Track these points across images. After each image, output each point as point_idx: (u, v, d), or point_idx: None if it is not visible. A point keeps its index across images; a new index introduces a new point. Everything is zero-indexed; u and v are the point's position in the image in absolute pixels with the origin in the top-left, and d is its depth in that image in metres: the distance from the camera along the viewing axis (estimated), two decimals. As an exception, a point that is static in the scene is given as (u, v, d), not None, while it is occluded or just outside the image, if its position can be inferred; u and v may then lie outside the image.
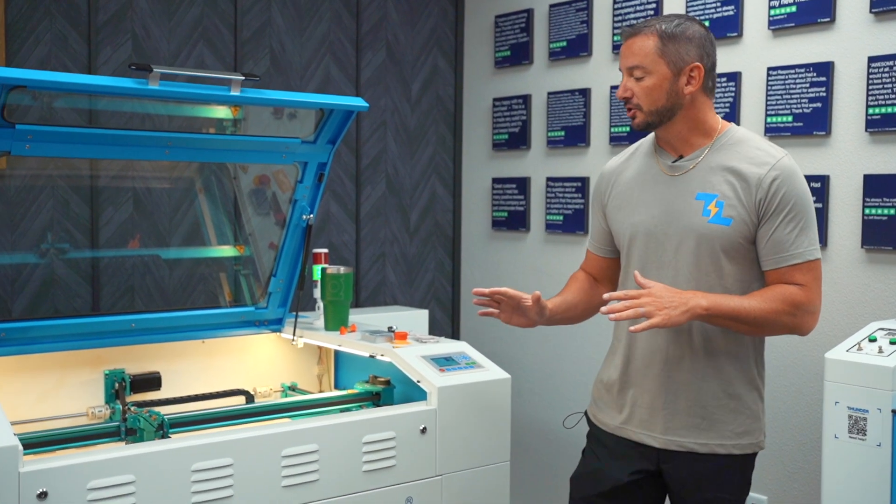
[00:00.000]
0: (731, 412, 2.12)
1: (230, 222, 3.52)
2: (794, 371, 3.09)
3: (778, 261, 2.06)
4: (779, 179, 2.04)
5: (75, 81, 2.28)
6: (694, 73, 2.09)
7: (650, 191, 2.18)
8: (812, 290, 2.06)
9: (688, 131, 2.12)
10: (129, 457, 2.05)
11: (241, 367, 3.10)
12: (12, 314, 3.19)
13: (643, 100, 2.09)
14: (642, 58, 2.07)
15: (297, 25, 3.82)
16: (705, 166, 2.11)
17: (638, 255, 2.19)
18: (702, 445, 2.13)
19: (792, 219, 2.03)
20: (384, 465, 2.44)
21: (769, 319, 2.03)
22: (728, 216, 2.05)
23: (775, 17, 3.07)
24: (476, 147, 4.30)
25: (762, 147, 2.10)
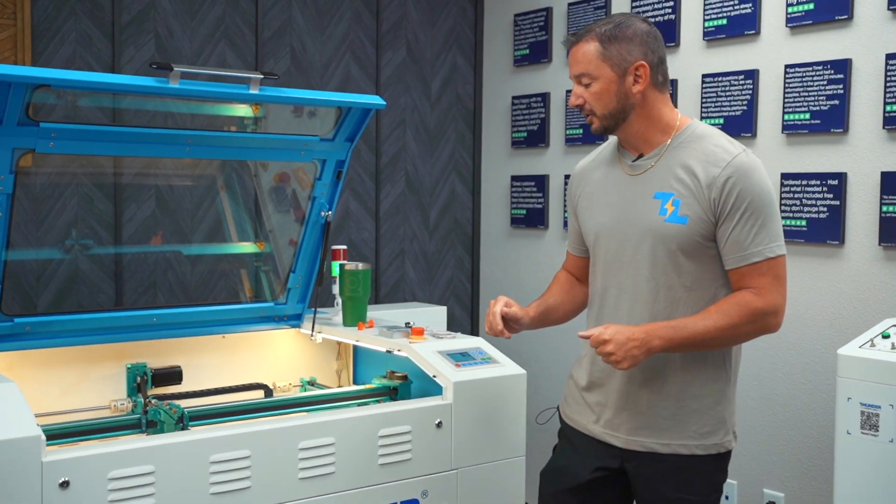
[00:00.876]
0: (694, 412, 2.09)
1: (251, 219, 3.57)
2: (810, 368, 3.09)
3: (737, 260, 2.02)
4: (733, 178, 2.00)
5: (98, 80, 2.32)
6: (640, 72, 2.07)
7: (612, 191, 2.17)
8: (771, 290, 2.02)
9: (645, 129, 2.10)
10: (149, 447, 2.09)
11: (260, 362, 3.14)
12: (37, 308, 3.25)
13: (595, 104, 2.08)
14: (586, 64, 2.06)
15: (317, 25, 3.86)
16: (664, 165, 2.09)
17: (601, 255, 2.18)
18: (664, 446, 2.10)
19: (749, 217, 2.00)
20: (400, 458, 2.47)
21: (729, 335, 2.01)
22: (684, 214, 2.03)
23: (793, 15, 3.07)
24: (495, 145, 4.32)
25: (719, 144, 2.06)
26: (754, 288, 2.01)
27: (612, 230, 2.14)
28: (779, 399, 3.19)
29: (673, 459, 2.10)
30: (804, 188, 3.05)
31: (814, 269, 3.06)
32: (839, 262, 2.99)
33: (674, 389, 2.09)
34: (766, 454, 3.22)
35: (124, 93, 2.75)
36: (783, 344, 3.16)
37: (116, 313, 2.84)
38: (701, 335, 1.98)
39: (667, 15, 3.49)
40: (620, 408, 2.14)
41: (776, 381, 3.19)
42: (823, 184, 2.99)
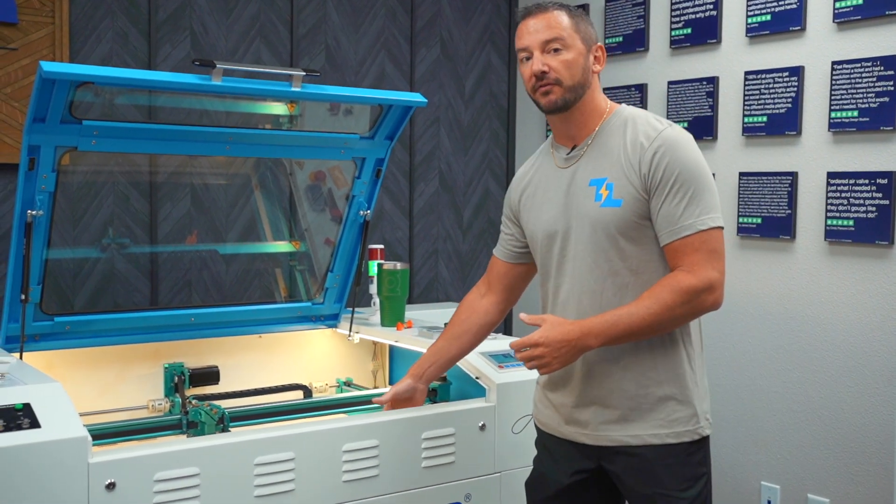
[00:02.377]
0: (660, 400, 2.00)
1: (286, 218, 3.54)
2: (858, 371, 3.03)
3: (668, 235, 1.95)
4: (660, 152, 1.95)
5: (141, 77, 2.31)
6: (598, 54, 2.06)
7: (551, 188, 2.12)
8: (705, 265, 1.93)
9: (588, 114, 2.06)
10: (194, 449, 2.06)
11: (297, 362, 3.12)
12: (74, 307, 3.24)
13: (563, 73, 2.00)
14: (560, 31, 2.01)
15: (352, 22, 3.83)
16: (595, 152, 2.05)
17: (550, 252, 2.12)
18: (633, 437, 2.01)
19: (678, 190, 1.93)
20: (443, 461, 2.44)
21: (666, 318, 1.92)
22: (619, 197, 1.98)
23: (841, 10, 3.00)
24: (529, 143, 4.28)
25: (647, 121, 2.02)
26: (687, 265, 1.94)
27: (556, 225, 2.08)
28: (825, 402, 3.12)
29: (647, 451, 2.00)
30: (851, 187, 2.99)
31: (862, 270, 3.00)
32: (889, 262, 2.92)
33: (635, 378, 2.00)
34: (811, 458, 3.16)
35: (167, 90, 2.72)
36: (830, 346, 3.10)
37: (154, 313, 2.83)
38: (637, 325, 1.91)
39: (708, 12, 3.43)
40: (585, 404, 2.06)
41: (822, 384, 3.13)
42: (872, 183, 2.93)
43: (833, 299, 3.08)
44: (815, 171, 3.11)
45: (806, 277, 3.17)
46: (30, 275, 2.44)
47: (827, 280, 3.10)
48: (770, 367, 3.29)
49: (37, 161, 2.34)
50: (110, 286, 3.31)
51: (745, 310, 3.35)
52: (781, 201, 3.20)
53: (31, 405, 1.96)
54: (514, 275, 2.31)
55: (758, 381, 3.33)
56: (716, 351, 3.45)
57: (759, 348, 3.33)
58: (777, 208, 3.21)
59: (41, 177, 2.37)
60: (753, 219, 3.29)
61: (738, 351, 3.40)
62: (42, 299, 2.57)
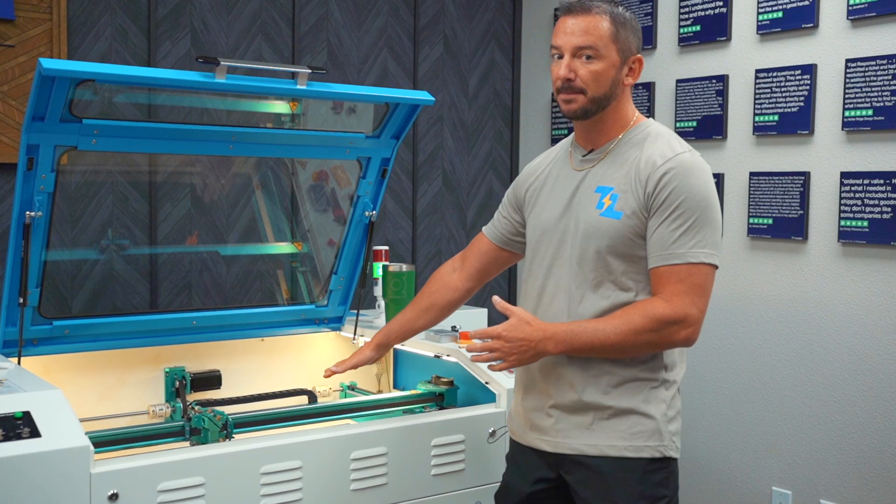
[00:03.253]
0: (622, 411, 1.92)
1: (287, 219, 3.48)
2: (871, 374, 2.97)
3: (657, 258, 1.88)
4: (670, 174, 1.87)
5: (143, 75, 2.24)
6: (634, 66, 1.96)
7: (559, 186, 2.05)
8: (683, 298, 1.85)
9: (611, 123, 1.99)
10: (199, 458, 2.00)
11: (300, 366, 3.06)
12: (72, 310, 3.18)
13: (589, 84, 1.91)
14: (596, 39, 1.90)
15: (354, 19, 3.77)
16: (611, 159, 1.98)
17: (542, 250, 2.05)
18: (591, 447, 1.94)
19: (678, 217, 1.86)
20: (453, 468, 2.38)
21: (630, 342, 1.85)
22: (619, 209, 1.91)
23: (855, 7, 2.95)
24: (534, 143, 4.22)
25: (667, 142, 1.94)
26: (665, 295, 1.86)
27: (555, 226, 2.02)
28: (838, 406, 3.07)
29: (603, 463, 1.93)
30: (866, 188, 2.94)
31: (875, 272, 2.95)
32: (903, 264, 2.88)
33: (601, 388, 1.93)
34: (823, 463, 3.11)
35: (170, 88, 2.66)
36: (843, 350, 3.05)
37: (155, 316, 2.76)
38: (600, 341, 1.85)
39: (718, 9, 3.38)
40: (548, 411, 2.00)
41: (835, 388, 3.08)
42: (887, 183, 2.88)
43: (846, 301, 3.03)
44: (829, 171, 3.06)
45: (818, 279, 3.11)
46: (28, 277, 2.37)
47: (840, 282, 3.05)
48: (781, 371, 3.24)
49: (35, 161, 2.27)
50: (109, 288, 3.24)
51: (755, 312, 3.29)
52: (793, 201, 3.15)
53: (30, 413, 1.89)
54: (494, 257, 2.26)
55: (769, 385, 3.28)
56: (724, 354, 3.40)
57: (769, 352, 3.27)
58: (789, 209, 3.16)
59: (40, 177, 2.31)
60: (764, 219, 3.23)
61: (747, 355, 3.34)
62: (40, 302, 2.50)
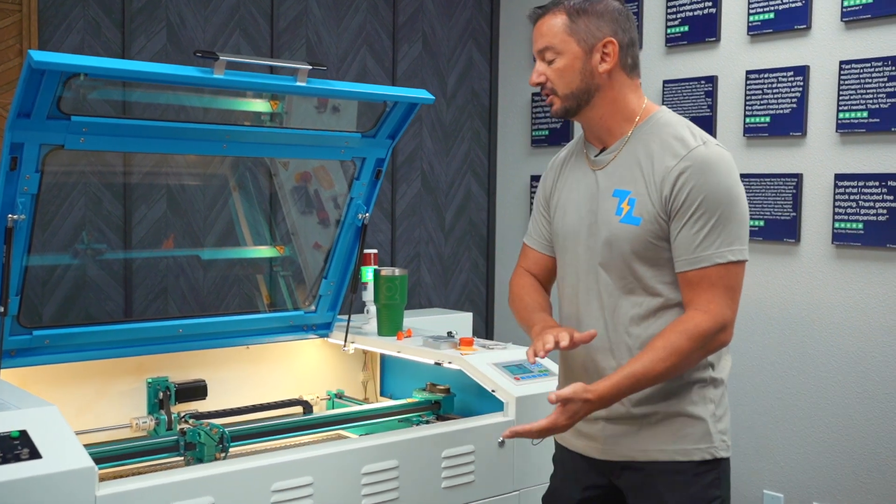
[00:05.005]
0: (670, 415, 1.89)
1: (267, 222, 3.36)
2: (867, 376, 2.97)
3: (684, 263, 1.82)
4: (686, 173, 1.80)
5: (139, 70, 2.11)
6: (608, 50, 1.88)
7: (579, 188, 1.99)
8: (720, 304, 1.81)
9: (609, 117, 1.91)
10: (207, 477, 1.89)
11: (286, 374, 2.94)
12: (43, 319, 3.01)
13: (557, 83, 1.90)
14: (551, 38, 1.89)
15: (333, 15, 3.66)
16: (624, 159, 1.91)
17: (571, 254, 2.00)
18: (641, 452, 1.90)
19: (700, 217, 1.79)
20: (463, 480, 2.30)
21: (678, 365, 1.81)
22: (638, 215, 1.85)
23: (849, 9, 2.94)
24: (512, 143, 4.16)
25: (679, 135, 1.86)
26: (701, 304, 1.81)
27: (578, 230, 1.96)
28: (830, 409, 3.06)
29: (652, 467, 1.90)
30: (860, 189, 2.93)
31: (871, 274, 2.94)
32: (901, 266, 2.88)
33: (648, 395, 1.89)
34: (816, 466, 3.10)
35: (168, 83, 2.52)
36: (837, 352, 3.04)
37: (140, 324, 2.62)
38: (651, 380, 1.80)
39: (707, 9, 3.35)
40: (594, 418, 1.94)
41: (827, 391, 3.07)
42: (883, 185, 2.87)
43: (840, 304, 3.02)
44: (822, 173, 3.05)
45: (811, 281, 3.10)
46: (9, 284, 2.22)
47: (834, 284, 3.04)
48: (774, 373, 3.22)
49: (19, 160, 2.12)
50: (81, 295, 3.08)
51: (748, 315, 3.27)
52: (786, 203, 3.13)
53: (27, 432, 1.76)
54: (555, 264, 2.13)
55: (761, 388, 3.26)
56: (715, 357, 3.37)
57: (762, 354, 3.26)
58: (781, 210, 3.14)
59: (23, 177, 2.16)
60: (756, 221, 3.21)
61: (739, 357, 3.32)
62: (20, 311, 2.35)
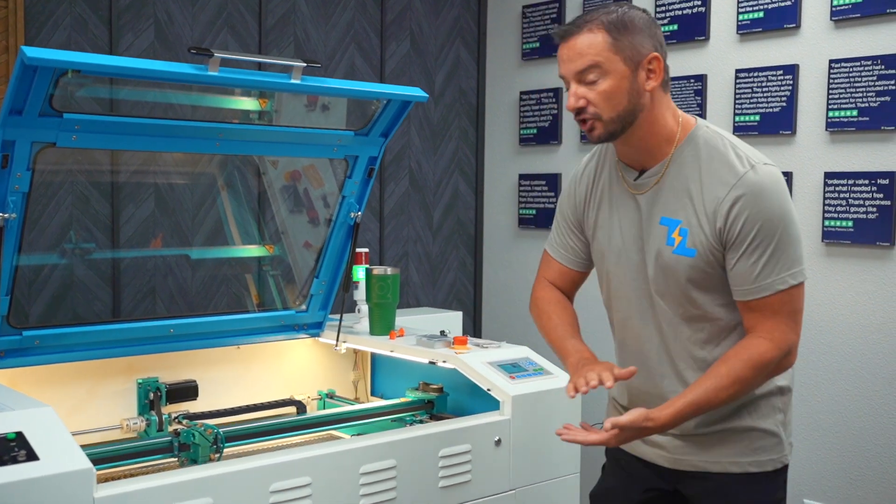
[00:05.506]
0: (747, 428, 1.89)
1: (256, 221, 3.33)
2: (857, 374, 2.99)
3: (744, 293, 1.80)
4: (739, 203, 1.75)
5: (135, 66, 2.08)
6: (653, 66, 1.79)
7: (619, 211, 1.93)
8: (785, 330, 1.78)
9: (649, 137, 1.83)
10: (206, 478, 1.87)
11: (277, 374, 2.92)
12: (29, 319, 2.97)
13: (602, 107, 1.77)
14: (593, 56, 1.76)
15: (322, 13, 3.64)
16: (667, 184, 1.84)
17: (617, 282, 1.96)
18: (713, 464, 1.90)
19: (757, 246, 1.75)
20: (460, 479, 2.29)
21: (742, 392, 1.80)
22: (692, 246, 1.81)
23: (838, 8, 2.96)
24: (500, 142, 4.15)
25: (727, 160, 1.80)
26: (765, 332, 1.78)
27: (626, 258, 1.92)
28: (822, 406, 3.08)
29: (725, 478, 1.89)
30: (850, 188, 2.95)
31: (861, 272, 2.96)
32: (889, 263, 2.89)
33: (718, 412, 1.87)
34: (808, 463, 3.11)
35: (162, 81, 2.49)
36: (827, 349, 3.05)
37: (132, 324, 2.59)
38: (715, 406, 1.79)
39: (696, 8, 3.36)
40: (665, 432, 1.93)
41: (819, 387, 3.08)
42: (872, 183, 2.89)
43: (830, 301, 3.04)
44: (812, 171, 3.06)
45: (801, 279, 3.12)
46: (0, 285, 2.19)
47: (824, 281, 3.06)
48: (763, 370, 3.23)
49: (11, 158, 2.09)
50: (69, 295, 3.04)
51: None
52: (776, 202, 3.14)
53: (23, 434, 1.73)
54: (578, 275, 2.13)
55: (750, 384, 3.27)
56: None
57: (750, 351, 3.27)
58: (771, 209, 3.16)
59: (15, 175, 2.13)
60: (745, 220, 3.22)
61: (728, 354, 3.33)
62: (10, 311, 2.31)
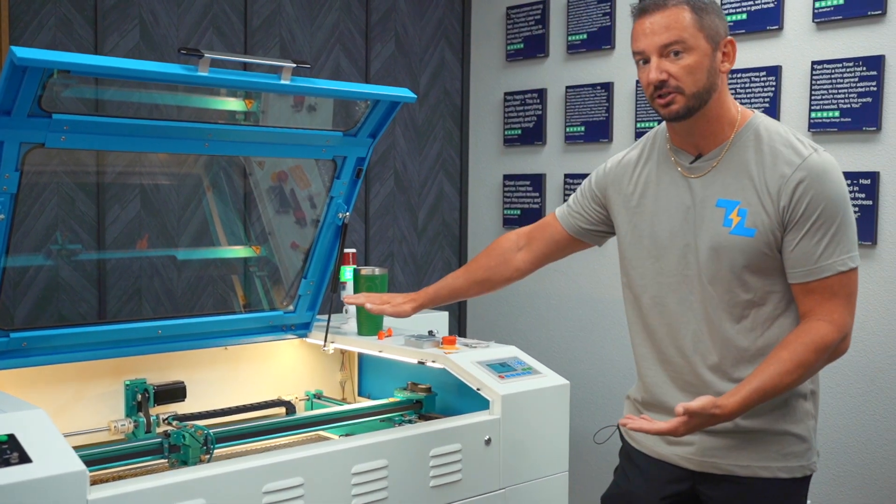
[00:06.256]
0: (778, 432, 1.88)
1: (242, 221, 3.33)
2: (840, 372, 3.02)
3: (804, 274, 1.80)
4: (805, 182, 1.76)
5: (126, 67, 2.07)
6: (728, 49, 1.84)
7: (670, 195, 1.93)
8: (842, 311, 1.79)
9: (715, 120, 1.85)
10: (198, 479, 1.86)
11: (264, 375, 2.92)
12: (14, 322, 2.95)
13: (685, 80, 1.79)
14: (680, 31, 1.78)
15: (307, 14, 3.64)
16: (726, 167, 1.86)
17: (656, 267, 1.95)
18: (742, 468, 1.88)
19: (820, 227, 1.77)
20: (451, 479, 2.30)
21: (804, 376, 1.79)
22: (752, 226, 1.81)
23: (821, 10, 2.99)
24: (485, 143, 4.17)
25: (788, 143, 1.83)
26: (824, 314, 1.78)
27: (671, 241, 1.92)
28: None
29: (753, 483, 1.88)
30: (833, 188, 2.98)
31: (843, 271, 3.00)
32: (872, 263, 2.93)
33: (752, 413, 1.85)
34: (791, 460, 3.15)
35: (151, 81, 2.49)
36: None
37: (120, 325, 2.58)
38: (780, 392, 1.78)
39: (680, 9, 3.39)
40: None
41: (801, 386, 3.12)
42: (854, 183, 2.93)
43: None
44: (795, 172, 3.10)
45: (784, 278, 3.15)
46: (-13, 286, 2.18)
47: (807, 281, 3.09)
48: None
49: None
50: (54, 297, 3.03)
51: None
52: (759, 202, 3.18)
53: (15, 436, 1.72)
54: (564, 246, 2.16)
55: (734, 383, 3.30)
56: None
57: (734, 350, 3.30)
58: (754, 209, 3.19)
59: (3, 177, 2.12)
60: (729, 220, 3.26)
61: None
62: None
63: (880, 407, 2.94)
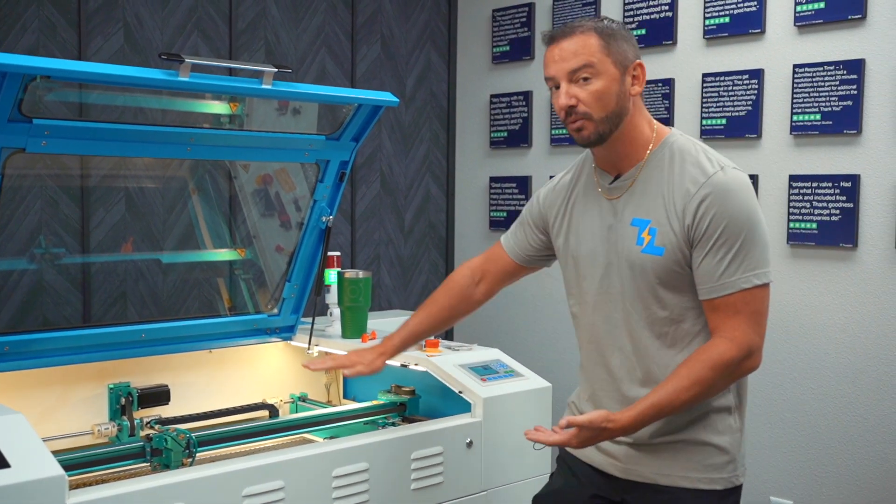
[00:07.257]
0: (700, 443, 1.89)
1: (227, 224, 3.33)
2: (821, 373, 3.04)
3: (708, 291, 1.82)
4: (707, 201, 1.80)
5: (105, 72, 2.08)
6: (637, 72, 1.87)
7: (590, 215, 1.98)
8: (745, 330, 1.80)
9: (629, 142, 1.90)
10: (178, 483, 1.87)
11: (249, 378, 2.92)
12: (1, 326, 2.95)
13: (593, 106, 1.83)
14: (588, 57, 1.82)
15: (292, 17, 3.64)
16: (640, 187, 1.90)
17: (588, 282, 1.98)
18: (664, 477, 1.90)
19: (723, 244, 1.79)
20: (432, 482, 2.31)
21: (703, 394, 1.80)
22: (661, 245, 1.85)
23: (802, 14, 3.01)
24: (471, 145, 4.18)
25: (697, 162, 1.85)
26: (727, 332, 1.80)
27: (594, 259, 1.96)
28: (787, 404, 3.13)
29: (674, 493, 1.90)
30: (814, 190, 3.00)
31: (825, 273, 3.02)
32: (852, 265, 2.95)
33: (675, 422, 1.89)
34: (773, 460, 3.17)
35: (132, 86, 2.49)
36: (793, 349, 3.11)
37: (103, 329, 2.58)
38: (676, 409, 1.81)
39: (663, 12, 3.40)
40: (619, 441, 1.95)
41: (785, 386, 3.14)
42: (836, 186, 2.95)
43: (795, 301, 3.09)
44: (777, 174, 3.12)
45: (767, 280, 3.17)
46: (-31, 291, 2.18)
47: (789, 283, 3.11)
48: (730, 370, 3.28)
49: (-21, 164, 2.09)
50: (38, 300, 3.03)
51: (705, 313, 3.33)
52: (742, 204, 3.19)
53: (-6, 441, 1.73)
54: (516, 272, 2.23)
55: (717, 384, 3.32)
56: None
57: (718, 352, 3.31)
58: (737, 211, 3.21)
59: (-17, 182, 2.12)
60: (712, 222, 3.27)
61: (696, 355, 3.38)
62: (-22, 318, 2.31)
63: (861, 408, 2.96)
